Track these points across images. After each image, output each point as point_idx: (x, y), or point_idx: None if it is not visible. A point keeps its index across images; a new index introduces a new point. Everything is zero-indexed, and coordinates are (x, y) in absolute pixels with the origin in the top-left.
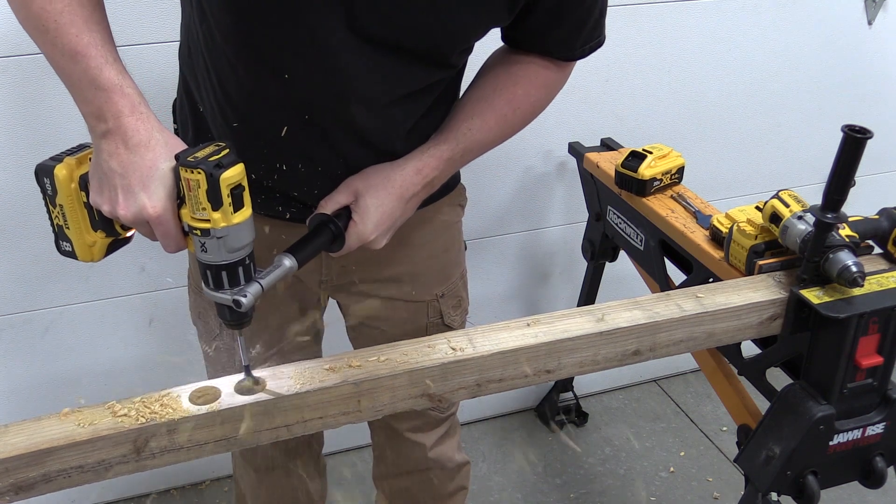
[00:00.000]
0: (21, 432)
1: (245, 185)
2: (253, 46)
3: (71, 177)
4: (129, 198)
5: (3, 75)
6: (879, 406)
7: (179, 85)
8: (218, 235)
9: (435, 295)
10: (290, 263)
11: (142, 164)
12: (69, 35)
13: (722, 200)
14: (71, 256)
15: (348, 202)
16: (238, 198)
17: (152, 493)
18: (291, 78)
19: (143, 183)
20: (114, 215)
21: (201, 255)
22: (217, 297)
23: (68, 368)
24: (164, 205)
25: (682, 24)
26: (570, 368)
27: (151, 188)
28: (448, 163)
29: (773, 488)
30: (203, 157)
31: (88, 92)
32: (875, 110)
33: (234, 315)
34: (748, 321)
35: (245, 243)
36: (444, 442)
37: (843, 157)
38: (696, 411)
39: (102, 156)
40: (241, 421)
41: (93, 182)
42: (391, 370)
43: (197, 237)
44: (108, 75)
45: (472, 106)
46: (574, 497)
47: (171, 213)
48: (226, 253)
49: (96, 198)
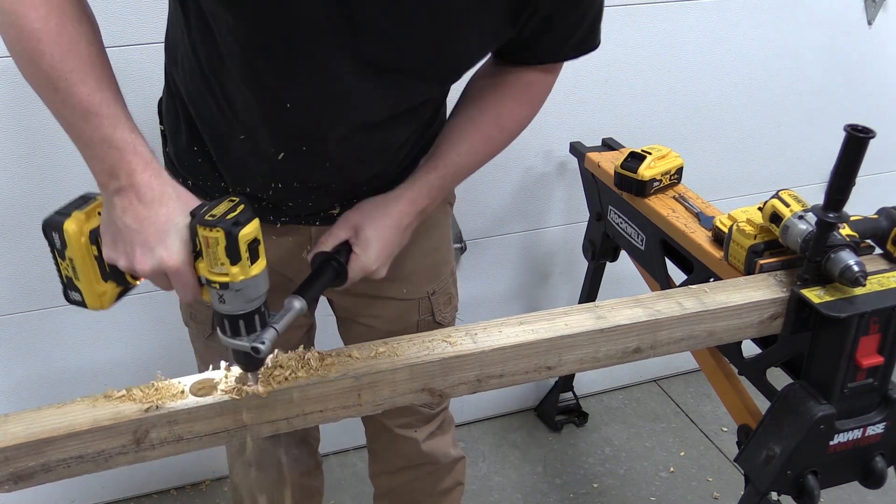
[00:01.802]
0: (21, 421)
1: (261, 238)
2: (258, 76)
3: (81, 231)
4: (147, 252)
5: (3, 75)
6: (880, 406)
7: (166, 88)
8: (237, 289)
9: (426, 293)
10: (300, 305)
11: (157, 218)
12: (81, 94)
13: (722, 200)
14: (80, 305)
15: (348, 237)
16: (254, 251)
17: (152, 493)
18: (293, 107)
19: (159, 237)
20: (130, 269)
21: (219, 307)
22: (235, 345)
23: (68, 368)
24: (183, 258)
25: (682, 24)
26: (570, 365)
27: (168, 242)
28: (439, 190)
29: (773, 488)
30: (220, 214)
31: (101, 150)
32: (875, 110)
33: (250, 360)
34: (749, 320)
35: (262, 293)
36: (436, 437)
37: (846, 157)
38: (696, 411)
39: (116, 212)
40: (241, 413)
41: (105, 238)
42: (392, 364)
43: (215, 290)
44: (121, 134)
45: (458, 129)
46: (574, 497)
47: (189, 265)
48: (243, 303)
49: (111, 253)
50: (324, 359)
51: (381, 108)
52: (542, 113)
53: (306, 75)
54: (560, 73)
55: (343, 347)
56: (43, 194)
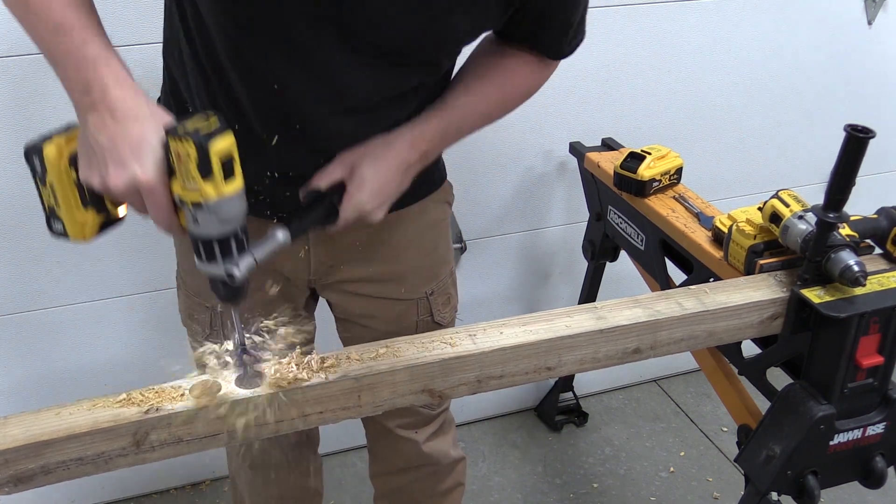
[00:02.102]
0: (20, 424)
1: (236, 156)
2: (246, 59)
3: (60, 154)
4: (120, 169)
5: (3, 75)
6: (880, 406)
7: (165, 85)
8: (209, 206)
9: (424, 293)
10: (283, 236)
11: (130, 135)
12: (53, 9)
13: (722, 200)
14: (63, 236)
15: (343, 176)
16: (229, 168)
17: (152, 493)
18: (281, 89)
19: (133, 154)
20: (104, 188)
21: (193, 228)
22: (209, 271)
23: (68, 368)
24: (156, 174)
25: (682, 24)
26: (570, 366)
27: (142, 158)
28: (441, 136)
29: (773, 488)
30: (192, 128)
31: (73, 65)
32: (875, 110)
33: (227, 290)
34: (749, 320)
35: (236, 214)
36: (437, 438)
37: (846, 157)
38: (696, 411)
39: (89, 129)
40: (241, 415)
41: (81, 158)
42: (391, 365)
43: (188, 210)
44: (94, 49)
45: (465, 82)
46: (574, 497)
47: (162, 182)
48: (217, 224)
49: (86, 172)
50: (324, 360)
51: (370, 91)
52: (542, 113)
53: (292, 53)
54: (560, 73)
55: (343, 349)
56: None
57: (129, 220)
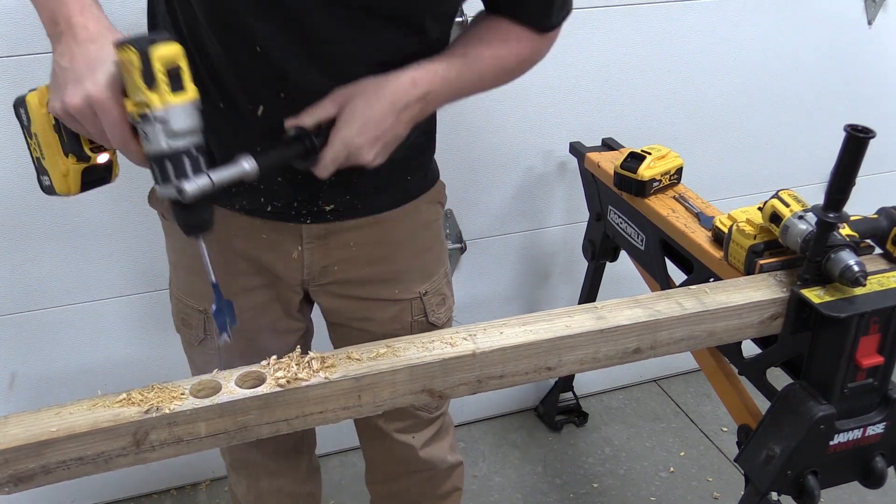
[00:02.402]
0: (20, 423)
1: (184, 66)
2: (225, 20)
3: (41, 102)
4: (76, 86)
5: (3, 75)
6: (880, 406)
7: None
8: (156, 118)
9: (418, 293)
10: (248, 166)
11: (87, 54)
12: None
13: (722, 200)
14: (50, 192)
15: (334, 112)
16: (176, 78)
17: (152, 493)
18: (263, 49)
19: (88, 71)
20: (64, 110)
21: (145, 146)
22: (163, 192)
23: (68, 368)
24: (108, 89)
25: (682, 24)
26: (570, 366)
27: (97, 76)
28: (445, 81)
29: (773, 488)
30: (136, 37)
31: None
32: (875, 110)
33: (183, 212)
34: (749, 320)
35: (186, 128)
36: (434, 442)
37: (846, 157)
38: (696, 411)
39: (55, 57)
40: (241, 414)
41: (50, 90)
42: (392, 365)
43: (139, 125)
44: None
45: (468, 40)
46: (574, 497)
47: (115, 99)
48: (166, 139)
49: (52, 100)
50: (324, 360)
51: (354, 56)
52: (542, 113)
53: (273, 14)
54: (560, 73)
55: (343, 349)
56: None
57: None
